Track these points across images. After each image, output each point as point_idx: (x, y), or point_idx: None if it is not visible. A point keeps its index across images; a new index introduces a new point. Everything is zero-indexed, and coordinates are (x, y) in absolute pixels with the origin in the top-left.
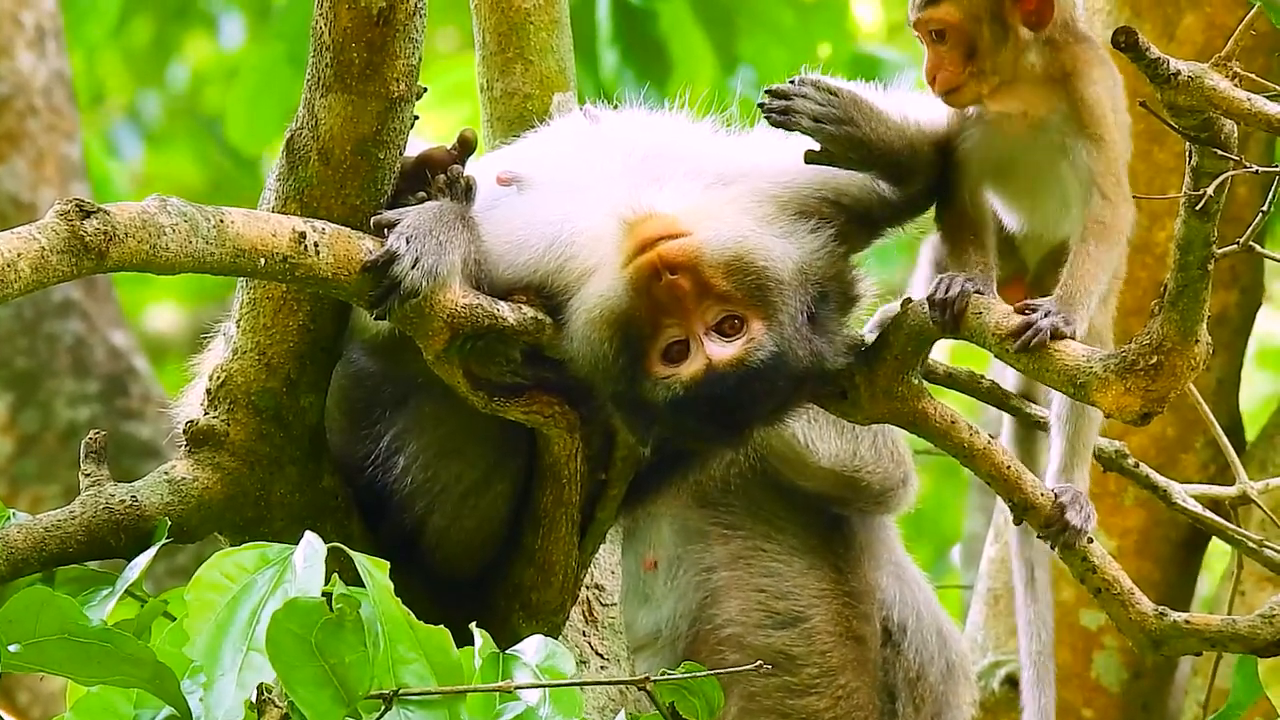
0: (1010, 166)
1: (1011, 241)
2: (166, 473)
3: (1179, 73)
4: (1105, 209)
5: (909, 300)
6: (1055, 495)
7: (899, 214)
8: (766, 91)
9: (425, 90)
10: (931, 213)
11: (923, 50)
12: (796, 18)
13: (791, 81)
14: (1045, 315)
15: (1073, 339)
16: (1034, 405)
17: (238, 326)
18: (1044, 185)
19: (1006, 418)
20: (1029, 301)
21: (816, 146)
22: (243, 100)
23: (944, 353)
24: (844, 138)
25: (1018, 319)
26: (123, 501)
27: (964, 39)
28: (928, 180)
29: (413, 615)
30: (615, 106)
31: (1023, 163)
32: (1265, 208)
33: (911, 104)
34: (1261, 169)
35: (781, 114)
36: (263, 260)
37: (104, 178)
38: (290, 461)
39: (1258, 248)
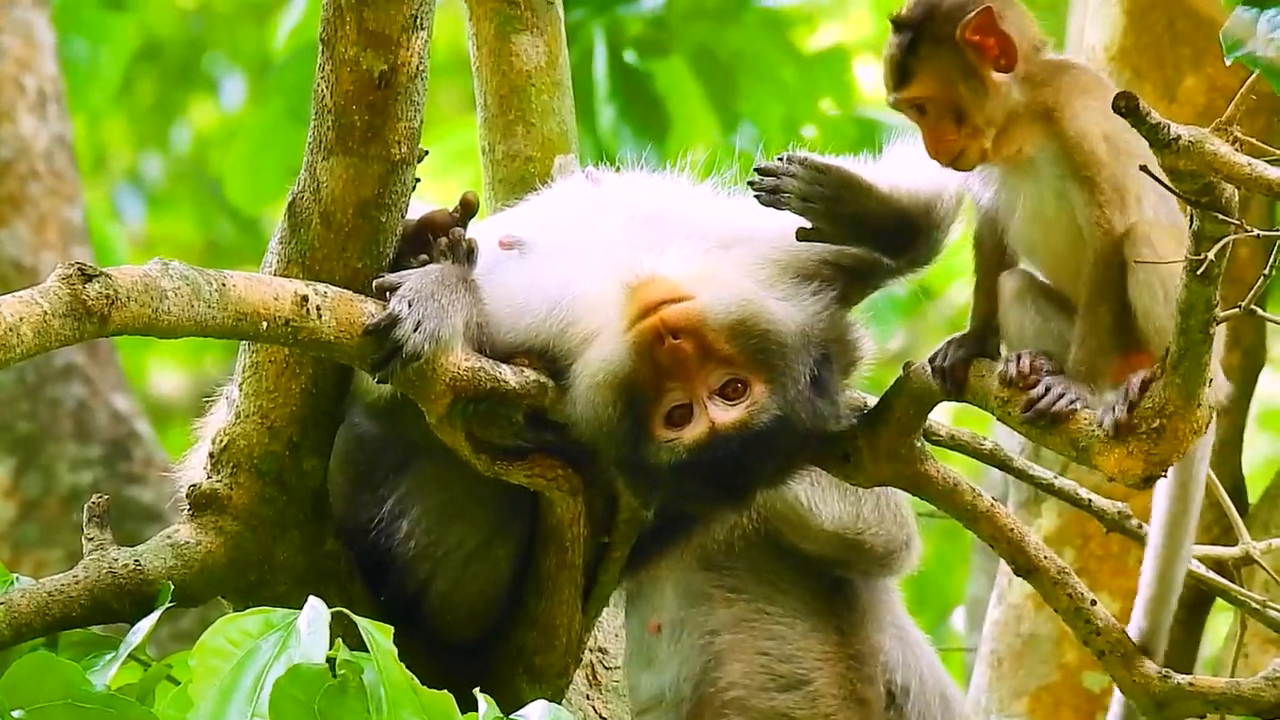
0: (1021, 217)
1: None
2: (169, 537)
3: (1180, 138)
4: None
5: (910, 363)
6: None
7: (899, 273)
8: (756, 169)
9: (427, 153)
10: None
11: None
12: (797, 73)
13: (780, 159)
14: (1050, 392)
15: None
16: (1036, 468)
17: (240, 390)
18: (1054, 234)
19: (1012, 480)
20: (1033, 368)
21: (808, 224)
22: (242, 159)
23: (946, 415)
24: (833, 216)
25: (1024, 395)
26: (126, 566)
27: (946, 105)
28: (926, 246)
29: (416, 680)
30: (615, 166)
31: (1030, 212)
32: (1267, 271)
33: (905, 170)
34: (1263, 233)
35: (771, 193)
36: (265, 324)
37: (106, 241)
38: (293, 525)
39: (1259, 311)
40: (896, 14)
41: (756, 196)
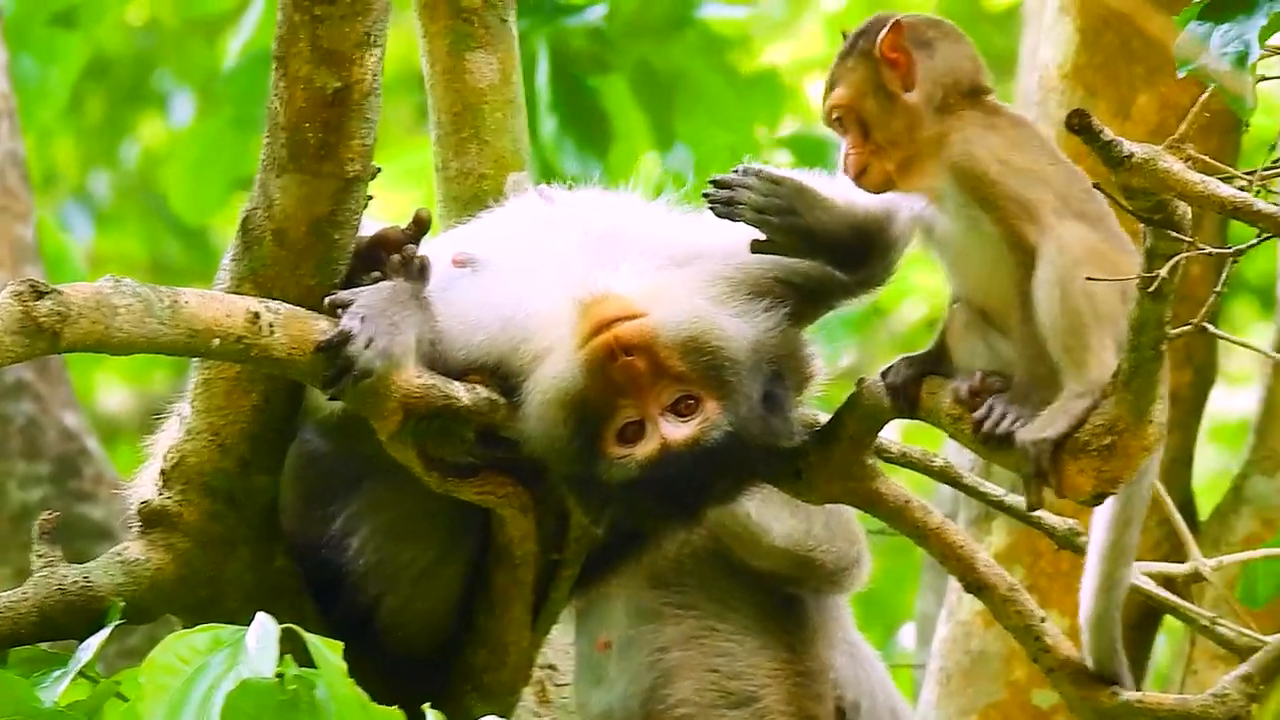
0: (948, 249)
1: None
2: (119, 554)
3: (1133, 155)
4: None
5: (863, 380)
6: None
7: (852, 291)
8: (711, 181)
9: (380, 170)
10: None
11: None
12: (734, 96)
13: (735, 171)
14: (993, 413)
15: (1039, 455)
16: (987, 485)
17: (191, 407)
18: (975, 262)
19: (963, 497)
20: (983, 387)
21: (762, 236)
22: (187, 170)
23: (898, 432)
24: (788, 228)
25: (972, 415)
26: (75, 583)
27: (856, 118)
28: (880, 265)
29: (366, 696)
30: (563, 181)
31: (952, 243)
32: (1218, 288)
33: (855, 189)
34: (1215, 250)
35: (725, 205)
36: (217, 341)
37: (61, 255)
38: (243, 542)
39: (1211, 328)
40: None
41: (711, 208)
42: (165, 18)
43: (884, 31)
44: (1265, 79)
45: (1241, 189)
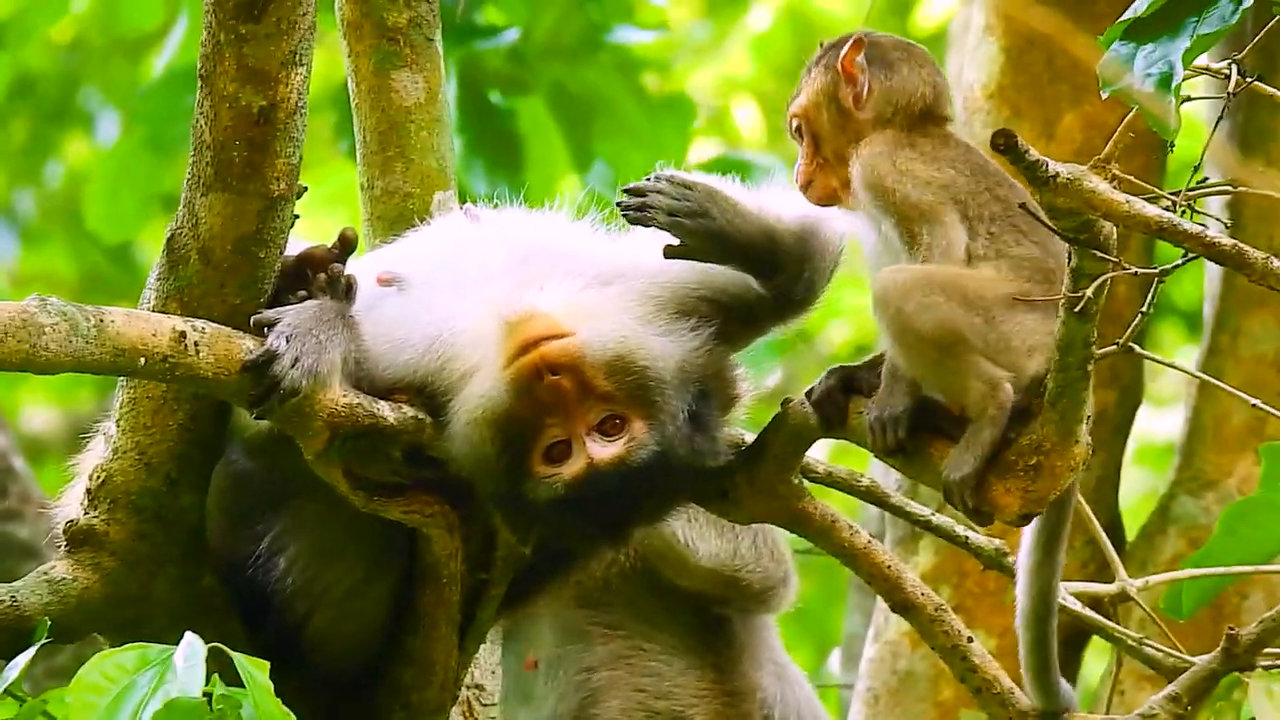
0: (868, 267)
1: None
2: (46, 573)
3: (1058, 175)
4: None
5: (788, 400)
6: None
7: (779, 312)
8: (624, 189)
9: (306, 189)
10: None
11: None
12: (646, 117)
13: (648, 178)
14: (883, 425)
15: (885, 430)
16: (913, 504)
17: (117, 426)
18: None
19: (889, 516)
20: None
21: (676, 241)
22: (103, 187)
23: (824, 452)
24: (700, 230)
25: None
26: (1, 602)
27: (810, 129)
28: (795, 273)
29: (293, 716)
30: (494, 203)
31: (870, 261)
32: (1145, 308)
33: (775, 199)
34: (1141, 270)
35: (638, 210)
36: (143, 360)
37: None
38: (170, 561)
39: (1137, 348)
40: None
41: (625, 214)
42: (91, 37)
43: (846, 47)
44: (1189, 100)
45: (1167, 209)
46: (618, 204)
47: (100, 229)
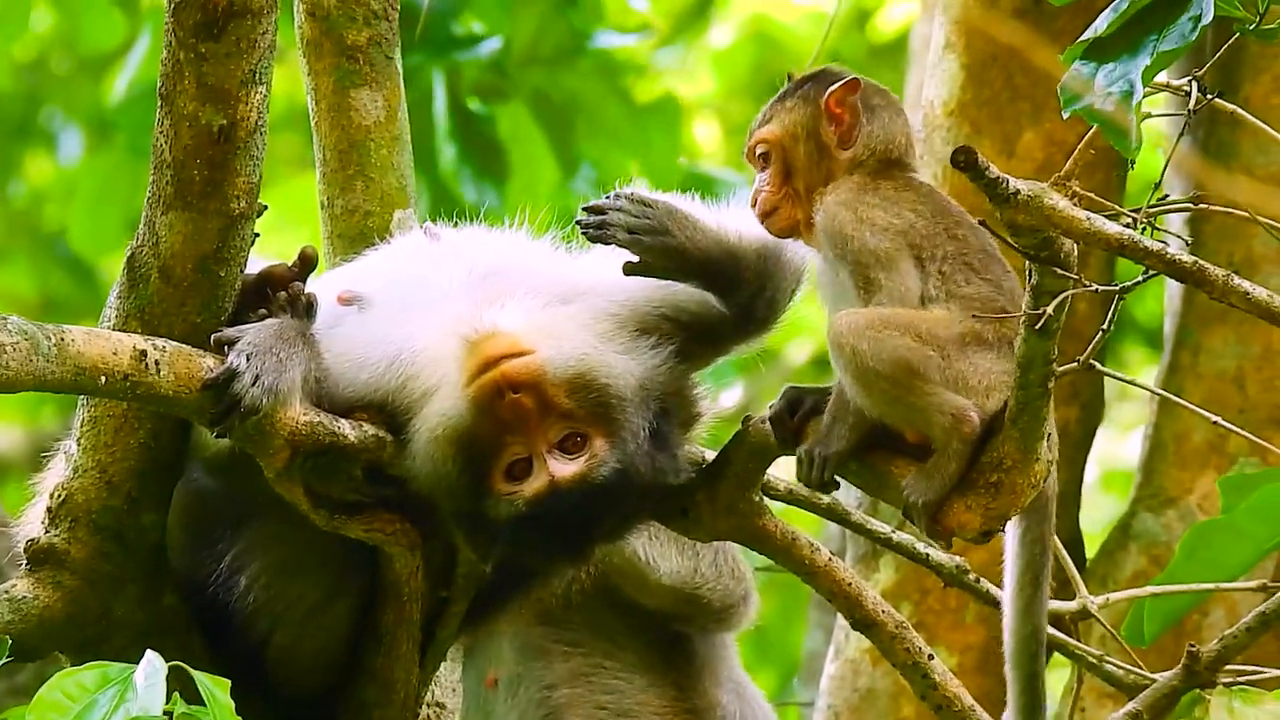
0: (825, 304)
1: None
2: (7, 591)
3: (1018, 192)
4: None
5: (749, 418)
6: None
7: (741, 330)
8: (583, 207)
9: (266, 208)
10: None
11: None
12: (631, 122)
13: (607, 196)
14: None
15: (813, 465)
16: (874, 522)
17: (78, 445)
18: None
19: (850, 534)
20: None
21: (635, 259)
22: (83, 205)
23: (786, 469)
24: (659, 248)
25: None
26: None
27: (781, 158)
28: (756, 290)
29: None
30: (455, 216)
31: (826, 299)
32: (1105, 326)
33: (734, 217)
34: (1101, 288)
35: (597, 228)
36: (104, 378)
37: None
38: (131, 580)
39: (1098, 366)
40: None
41: (584, 233)
42: (53, 56)
43: (836, 85)
44: (1149, 116)
45: (1128, 226)
46: (577, 222)
47: (82, 248)
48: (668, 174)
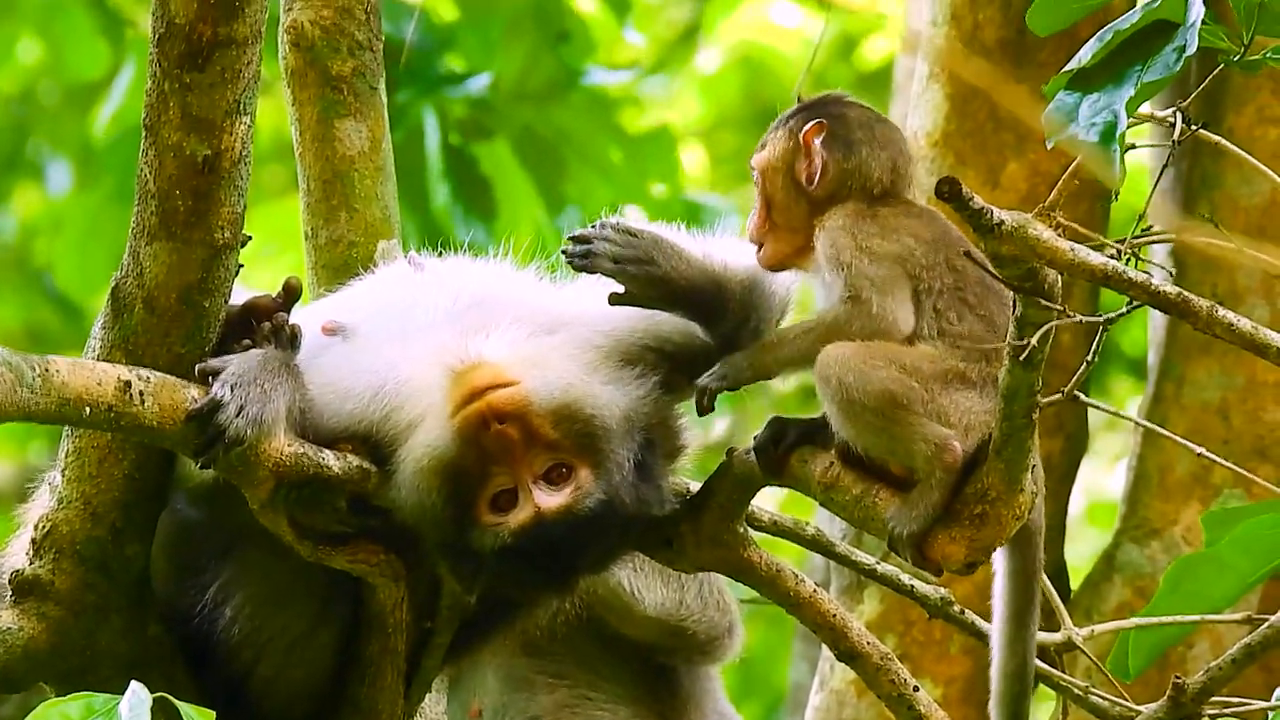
0: None
1: None
2: None
3: (1003, 223)
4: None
5: (733, 449)
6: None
7: None
8: (569, 237)
9: (250, 238)
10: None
11: None
12: (624, 154)
13: (593, 226)
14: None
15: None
16: (859, 553)
17: (63, 475)
18: None
19: (834, 565)
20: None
21: (621, 288)
22: (71, 244)
23: (771, 500)
24: (645, 277)
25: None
26: None
27: (764, 191)
28: (741, 320)
29: None
30: (440, 250)
31: None
32: (1090, 357)
33: (720, 247)
34: (1086, 319)
35: (583, 258)
36: (88, 409)
37: None
38: (116, 611)
39: (1083, 397)
40: None
41: (570, 262)
42: (40, 88)
43: (809, 124)
44: (1133, 147)
45: (1112, 257)
46: (563, 251)
47: (69, 287)
48: (667, 205)
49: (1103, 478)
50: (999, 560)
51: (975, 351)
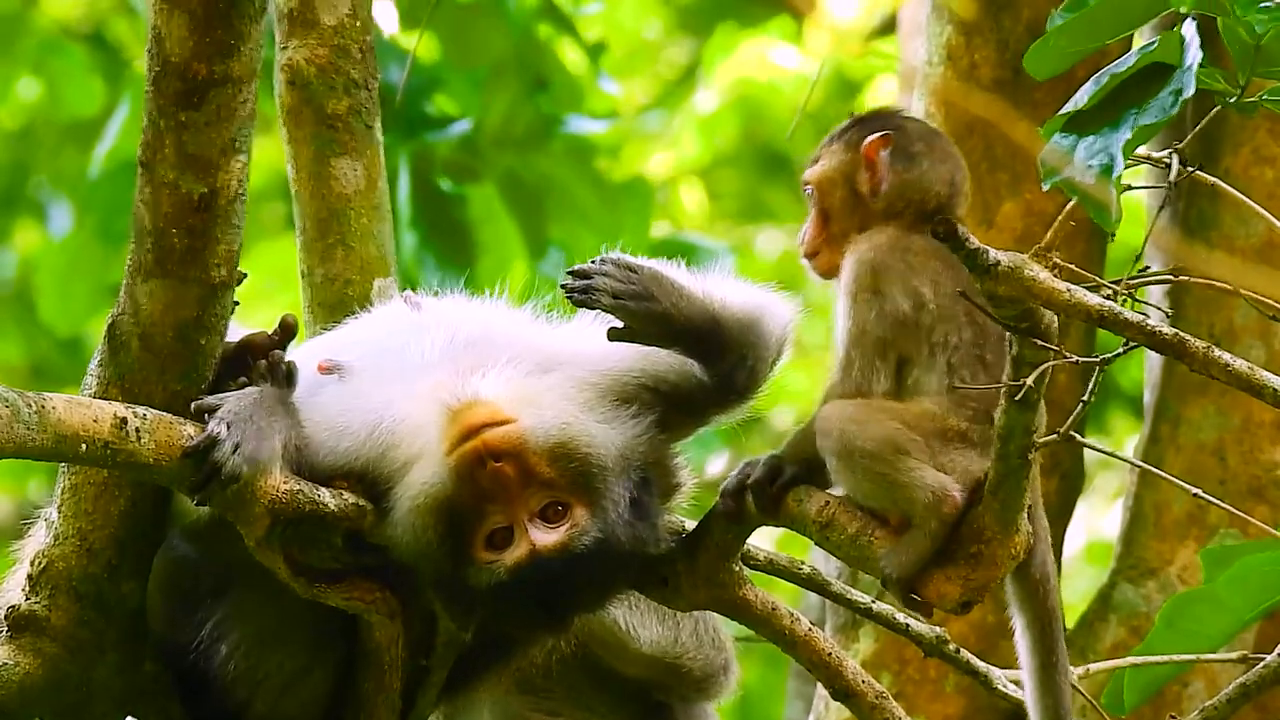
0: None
1: None
2: None
3: (999, 263)
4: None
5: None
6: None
7: (719, 400)
8: (568, 272)
9: (246, 275)
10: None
11: None
12: (603, 203)
13: (593, 261)
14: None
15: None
16: (854, 592)
17: (59, 512)
18: None
19: (830, 604)
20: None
21: (620, 324)
22: (54, 278)
23: (768, 539)
24: (644, 313)
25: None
26: None
27: (821, 200)
28: (738, 359)
29: None
30: (434, 290)
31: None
32: (1086, 397)
33: (718, 284)
34: (1082, 359)
35: (582, 293)
36: (84, 446)
37: None
38: (112, 647)
39: (1078, 437)
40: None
41: (569, 297)
42: (40, 126)
43: (873, 135)
44: (1130, 189)
45: (1108, 297)
46: (562, 286)
47: (52, 321)
48: (639, 253)
49: (1101, 516)
50: (1015, 614)
51: (982, 412)
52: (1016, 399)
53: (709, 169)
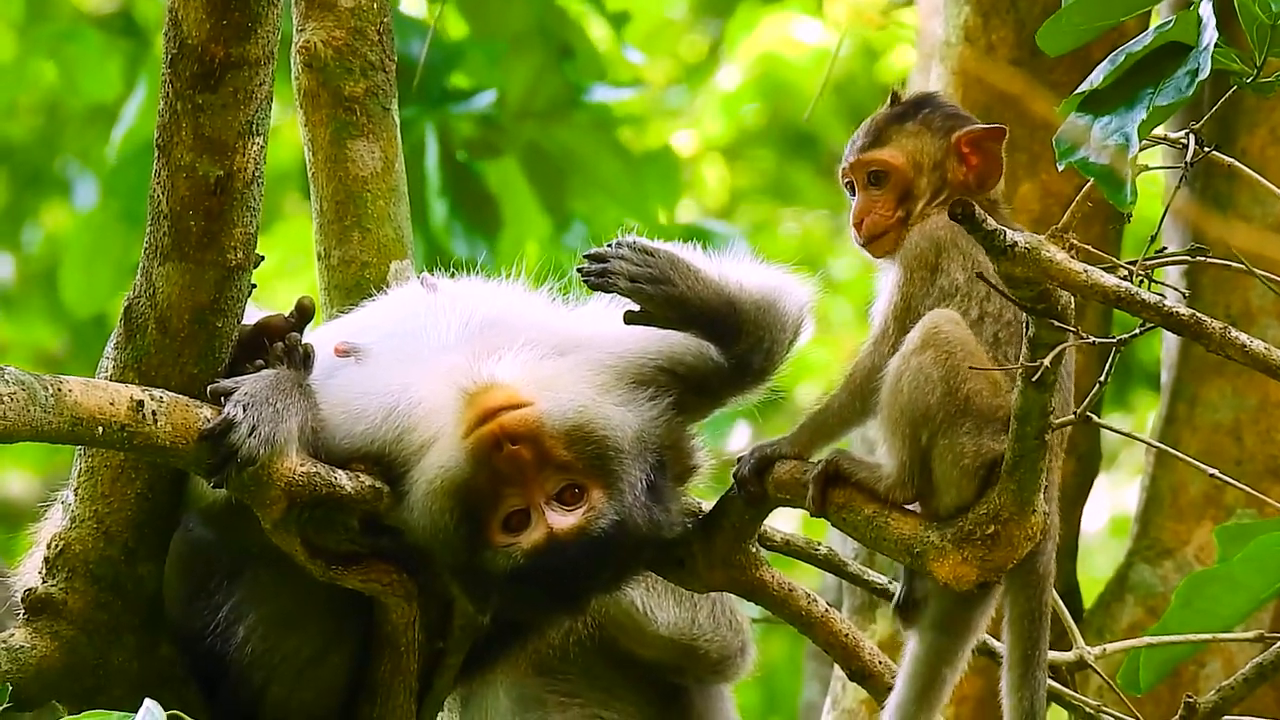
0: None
1: None
2: (4, 640)
3: (1016, 244)
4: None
5: None
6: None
7: (736, 382)
8: (585, 255)
9: (263, 258)
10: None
11: (849, 198)
12: (627, 175)
13: (609, 245)
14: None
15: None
16: (871, 573)
17: (75, 495)
18: None
19: (846, 585)
20: None
21: (636, 308)
22: (77, 260)
23: (783, 520)
24: (661, 297)
25: None
26: None
27: (902, 183)
28: (755, 342)
29: None
30: (450, 269)
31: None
32: (1102, 378)
33: (735, 267)
34: (1098, 340)
35: (599, 276)
36: (100, 429)
37: None
38: (128, 630)
39: (1095, 418)
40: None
41: (586, 281)
42: (66, 104)
43: (981, 129)
44: (1146, 169)
45: (1125, 278)
46: (579, 270)
47: (74, 303)
48: (666, 226)
49: (1125, 492)
50: (1006, 603)
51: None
52: (1034, 380)
53: (732, 147)
